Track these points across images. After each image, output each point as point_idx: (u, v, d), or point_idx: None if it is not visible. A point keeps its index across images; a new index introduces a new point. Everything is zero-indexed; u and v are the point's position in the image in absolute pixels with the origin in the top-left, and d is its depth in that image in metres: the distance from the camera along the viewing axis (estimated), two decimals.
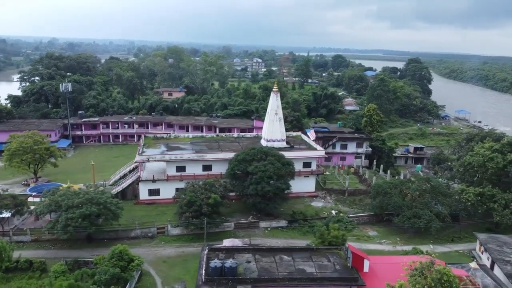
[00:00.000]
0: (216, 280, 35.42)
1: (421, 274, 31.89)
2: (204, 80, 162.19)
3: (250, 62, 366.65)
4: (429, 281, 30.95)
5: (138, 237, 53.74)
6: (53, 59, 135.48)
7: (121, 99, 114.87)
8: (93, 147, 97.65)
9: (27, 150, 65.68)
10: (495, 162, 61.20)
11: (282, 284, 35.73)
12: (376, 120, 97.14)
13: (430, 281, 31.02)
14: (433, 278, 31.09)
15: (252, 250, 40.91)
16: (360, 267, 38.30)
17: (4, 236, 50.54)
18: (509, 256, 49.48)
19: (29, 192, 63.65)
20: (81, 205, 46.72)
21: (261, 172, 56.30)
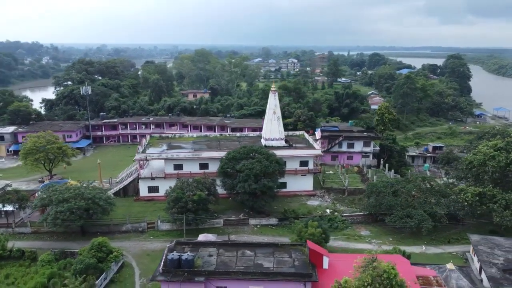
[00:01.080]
0: (172, 271, 36.95)
1: (364, 271, 31.75)
2: (229, 81, 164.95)
3: (286, 62, 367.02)
4: (368, 278, 30.81)
5: (129, 231, 56.51)
6: (84, 64, 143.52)
7: (142, 101, 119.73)
8: (112, 147, 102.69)
9: (40, 149, 70.70)
10: (497, 161, 58.63)
11: (235, 277, 36.67)
12: (388, 119, 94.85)
13: (369, 278, 30.87)
14: (371, 274, 30.91)
15: (218, 245, 42.09)
16: (319, 263, 38.43)
17: (8, 228, 55.07)
18: (498, 259, 47.44)
19: (42, 188, 68.42)
20: (70, 199, 49.94)
21: (247, 170, 57.34)
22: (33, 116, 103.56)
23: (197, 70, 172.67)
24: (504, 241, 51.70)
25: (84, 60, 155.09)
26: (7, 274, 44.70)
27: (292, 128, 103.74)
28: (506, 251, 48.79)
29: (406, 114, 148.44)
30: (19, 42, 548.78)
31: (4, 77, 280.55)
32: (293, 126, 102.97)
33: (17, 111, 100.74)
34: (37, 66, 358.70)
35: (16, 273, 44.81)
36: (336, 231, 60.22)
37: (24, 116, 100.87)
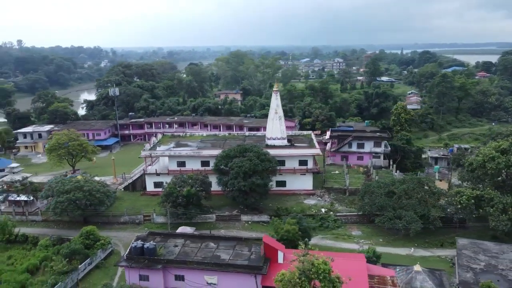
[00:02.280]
0: (135, 258, 40.16)
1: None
2: (261, 81, 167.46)
3: (331, 62, 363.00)
4: (296, 272, 31.87)
5: (127, 222, 60.75)
6: (122, 67, 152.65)
7: (170, 102, 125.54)
8: (137, 145, 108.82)
9: (62, 146, 77.38)
10: (496, 163, 56.10)
11: (191, 267, 39.11)
12: (404, 119, 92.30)
13: (297, 272, 31.92)
14: (299, 268, 31.94)
15: (186, 237, 44.76)
16: (275, 258, 39.78)
17: (22, 216, 61.45)
18: (478, 264, 46.00)
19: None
20: (70, 191, 54.95)
21: (237, 167, 59.44)
22: (70, 115, 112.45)
23: (232, 71, 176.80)
24: (493, 246, 49.74)
25: (123, 63, 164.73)
26: (10, 255, 50.30)
27: (310, 128, 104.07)
28: (491, 257, 47.07)
29: (443, 114, 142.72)
30: (82, 47, 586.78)
31: (64, 80, 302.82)
32: (311, 126, 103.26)
33: (55, 111, 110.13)
34: (95, 69, 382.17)
35: (18, 255, 50.27)
36: (326, 230, 60.69)
37: (61, 116, 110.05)
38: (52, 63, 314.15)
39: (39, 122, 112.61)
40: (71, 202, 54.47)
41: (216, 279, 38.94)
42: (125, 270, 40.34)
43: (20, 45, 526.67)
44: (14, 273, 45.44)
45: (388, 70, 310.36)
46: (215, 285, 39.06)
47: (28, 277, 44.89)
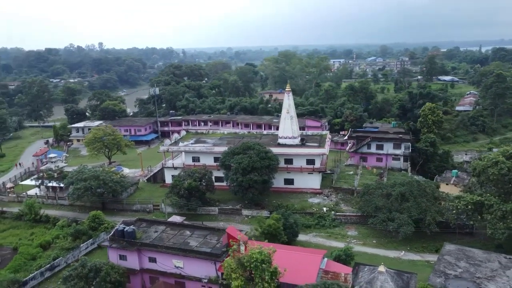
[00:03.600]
0: (116, 239, 45.24)
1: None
2: (307, 81, 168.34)
3: (394, 61, 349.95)
4: (232, 261, 34.61)
5: (139, 210, 66.77)
6: (173, 68, 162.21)
7: (210, 101, 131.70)
8: None
9: (98, 140, 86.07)
10: (498, 168, 53.38)
11: (160, 250, 43.31)
12: (431, 121, 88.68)
13: (236, 260, 34.65)
14: (237, 257, 34.61)
15: (168, 224, 49.12)
16: (238, 248, 42.54)
17: (54, 200, 70.10)
18: (455, 270, 45.17)
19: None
20: (87, 179, 62.06)
21: (237, 164, 62.71)
22: (118, 113, 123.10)
23: (279, 71, 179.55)
24: (481, 254, 48.01)
25: (173, 64, 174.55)
26: (32, 232, 58.51)
27: (339, 128, 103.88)
28: (472, 264, 45.68)
29: (498, 117, 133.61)
30: (155, 48, 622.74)
31: (133, 80, 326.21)
32: (340, 126, 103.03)
33: (106, 108, 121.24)
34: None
35: (38, 233, 58.28)
36: (322, 228, 61.75)
37: (110, 113, 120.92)
38: (124, 64, 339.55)
39: (92, 118, 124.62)
40: (87, 189, 61.45)
41: (182, 263, 42.71)
42: (108, 249, 45.59)
43: (100, 47, 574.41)
44: (29, 247, 53.09)
45: (455, 69, 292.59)
46: (182, 268, 42.84)
47: (40, 251, 52.25)
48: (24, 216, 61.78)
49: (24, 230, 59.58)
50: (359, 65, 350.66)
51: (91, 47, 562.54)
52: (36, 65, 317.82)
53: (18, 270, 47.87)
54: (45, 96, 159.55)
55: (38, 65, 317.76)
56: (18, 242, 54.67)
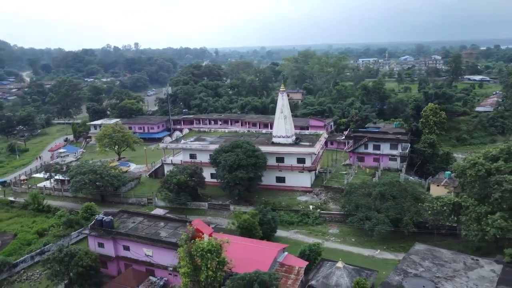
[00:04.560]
0: (96, 228, 49.00)
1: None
2: (325, 81, 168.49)
3: (426, 60, 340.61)
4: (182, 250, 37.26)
5: (134, 203, 70.73)
6: (192, 68, 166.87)
7: (223, 100, 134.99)
8: None
9: (107, 136, 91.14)
10: (476, 170, 53.06)
11: (132, 239, 46.65)
12: (433, 122, 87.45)
13: (185, 249, 37.29)
14: (187, 246, 37.21)
15: (146, 216, 52.45)
16: (201, 239, 45.17)
17: (60, 192, 75.38)
18: (416, 269, 45.82)
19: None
20: (85, 173, 66.65)
21: (224, 161, 65.32)
22: (135, 111, 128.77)
23: (298, 71, 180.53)
24: (449, 255, 48.17)
25: (192, 64, 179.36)
26: (34, 221, 63.59)
27: (345, 128, 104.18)
28: (437, 264, 46.07)
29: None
30: (189, 48, 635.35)
31: (163, 79, 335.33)
32: (345, 126, 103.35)
33: (123, 107, 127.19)
34: None
35: (39, 221, 63.30)
36: (305, 225, 63.28)
37: (127, 111, 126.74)
38: (155, 63, 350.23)
39: (111, 116, 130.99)
40: (85, 182, 65.99)
41: (151, 252, 45.86)
42: (88, 237, 49.47)
43: (136, 48, 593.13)
44: (27, 234, 58.06)
45: (489, 68, 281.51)
46: (151, 257, 45.98)
47: (36, 238, 57.07)
48: (29, 205, 67.12)
49: (28, 218, 64.85)
50: (389, 64, 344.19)
51: (127, 47, 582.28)
52: (72, 65, 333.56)
53: (12, 253, 52.72)
54: (74, 95, 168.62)
55: (75, 65, 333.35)
56: (19, 229, 59.77)
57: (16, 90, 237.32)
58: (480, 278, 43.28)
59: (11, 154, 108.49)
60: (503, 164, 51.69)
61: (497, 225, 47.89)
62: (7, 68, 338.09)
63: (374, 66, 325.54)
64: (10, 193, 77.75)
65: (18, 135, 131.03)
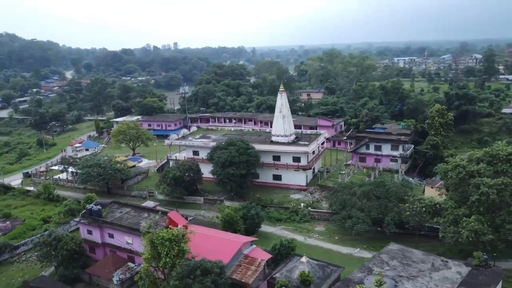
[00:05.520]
0: (86, 217, 53.32)
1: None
2: (348, 80, 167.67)
3: (465, 59, 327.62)
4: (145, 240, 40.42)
5: (136, 196, 75.07)
6: (214, 67, 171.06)
7: (241, 99, 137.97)
8: None
9: (121, 133, 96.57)
10: (457, 172, 52.79)
11: (115, 228, 50.50)
12: (438, 123, 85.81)
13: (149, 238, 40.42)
14: (147, 236, 40.33)
15: (133, 207, 56.26)
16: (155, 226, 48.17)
17: (72, 183, 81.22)
18: (382, 268, 46.59)
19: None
20: (90, 166, 71.76)
21: (217, 158, 68.22)
22: (155, 109, 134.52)
23: (322, 70, 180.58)
24: (420, 255, 48.47)
25: (216, 64, 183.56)
26: (43, 209, 69.33)
27: (354, 128, 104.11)
28: (404, 264, 46.69)
29: None
30: (226, 47, 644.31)
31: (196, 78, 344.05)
32: (355, 126, 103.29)
33: (145, 105, 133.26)
34: None
35: (47, 209, 68.93)
36: (292, 223, 64.91)
37: (148, 109, 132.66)
38: (189, 62, 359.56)
39: (133, 113, 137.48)
40: (90, 174, 71.07)
41: (131, 240, 49.48)
42: (79, 225, 53.90)
43: (175, 47, 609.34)
44: (34, 220, 63.66)
45: None
46: (131, 244, 49.61)
47: (40, 224, 62.42)
48: (41, 195, 73.12)
49: (39, 206, 70.75)
50: (425, 63, 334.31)
51: (166, 47, 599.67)
52: (112, 64, 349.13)
53: (17, 237, 58.23)
54: (105, 93, 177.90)
55: (114, 64, 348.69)
56: (28, 216, 65.55)
57: (57, 88, 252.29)
58: (443, 279, 43.59)
59: (40, 147, 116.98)
60: (483, 166, 51.23)
61: (470, 227, 47.69)
62: (52, 67, 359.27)
63: (409, 65, 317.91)
64: (30, 183, 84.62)
65: (50, 130, 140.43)
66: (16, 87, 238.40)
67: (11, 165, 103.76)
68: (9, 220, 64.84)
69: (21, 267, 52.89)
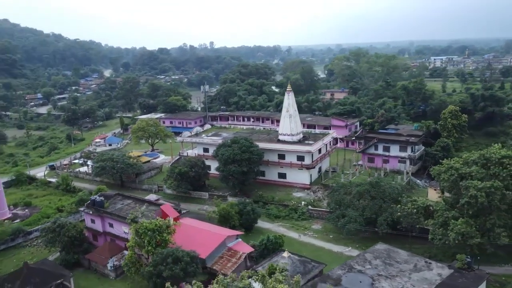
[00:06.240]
0: (90, 207, 57.22)
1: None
2: (373, 80, 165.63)
3: (508, 58, 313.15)
4: (131, 229, 43.41)
5: (146, 189, 78.88)
6: (239, 67, 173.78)
7: (261, 98, 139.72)
8: None
9: (140, 129, 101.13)
10: (449, 174, 52.47)
11: (114, 218, 53.99)
12: (451, 124, 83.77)
13: (132, 229, 43.41)
14: (133, 226, 43.29)
15: (135, 199, 59.59)
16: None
17: (90, 176, 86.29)
18: (363, 266, 47.60)
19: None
20: (104, 160, 76.24)
21: (220, 155, 70.63)
22: (178, 107, 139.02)
23: (348, 70, 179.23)
24: (405, 256, 48.75)
25: (240, 64, 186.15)
26: (60, 199, 74.36)
27: (370, 128, 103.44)
28: (387, 263, 47.25)
29: None
30: (261, 46, 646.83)
31: None
32: (370, 127, 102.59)
33: (168, 103, 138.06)
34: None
35: (64, 199, 73.87)
36: (290, 220, 66.32)
37: (171, 107, 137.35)
38: (222, 61, 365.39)
39: (158, 111, 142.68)
40: (103, 168, 75.55)
41: (127, 229, 52.73)
42: (84, 214, 57.92)
43: (211, 46, 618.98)
44: (49, 209, 68.61)
45: None
46: (128, 234, 52.86)
47: (55, 212, 67.22)
48: (59, 186, 78.42)
49: (57, 196, 75.94)
50: (464, 62, 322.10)
51: (202, 46, 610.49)
52: (148, 63, 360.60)
53: (32, 223, 63.18)
54: (136, 91, 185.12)
55: (150, 63, 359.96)
56: (46, 205, 70.71)
57: (94, 86, 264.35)
58: (422, 280, 43.92)
59: (69, 142, 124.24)
60: (475, 169, 50.72)
61: (457, 230, 47.49)
62: (93, 66, 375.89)
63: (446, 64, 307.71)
64: (54, 175, 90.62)
65: (81, 126, 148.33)
66: (56, 85, 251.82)
67: (41, 158, 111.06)
68: (28, 208, 70.23)
69: (32, 251, 57.55)
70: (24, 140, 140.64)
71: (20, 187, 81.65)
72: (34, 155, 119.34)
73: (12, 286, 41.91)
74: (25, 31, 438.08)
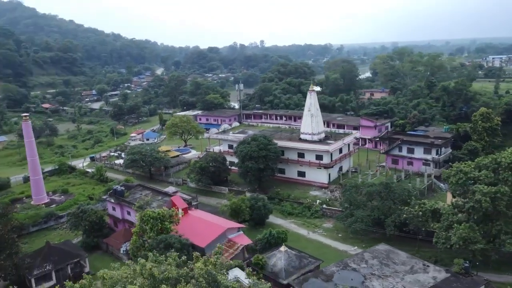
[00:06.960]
0: (112, 195, 62.07)
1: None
2: (415, 80, 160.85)
3: None
4: (137, 217, 47.11)
5: (172, 183, 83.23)
6: (278, 66, 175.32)
7: (296, 97, 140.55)
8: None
9: (174, 126, 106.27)
10: (457, 178, 51.45)
11: (129, 206, 58.26)
12: (481, 127, 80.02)
13: (138, 217, 47.09)
14: (138, 214, 46.95)
15: (153, 190, 63.71)
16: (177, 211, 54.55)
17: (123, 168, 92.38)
18: (359, 265, 48.36)
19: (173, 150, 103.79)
20: (134, 153, 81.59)
21: (239, 152, 73.23)
22: (216, 104, 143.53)
23: (390, 70, 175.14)
24: (404, 257, 48.87)
25: (280, 63, 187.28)
26: (93, 187, 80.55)
27: (401, 129, 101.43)
28: (383, 264, 47.68)
29: None
30: (312, 45, 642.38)
31: None
32: (401, 128, 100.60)
33: (206, 100, 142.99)
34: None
35: (97, 188, 79.87)
36: (302, 217, 67.52)
37: (209, 104, 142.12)
38: (269, 60, 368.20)
39: (196, 108, 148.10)
40: (133, 160, 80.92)
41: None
42: (107, 202, 62.90)
43: (261, 45, 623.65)
44: (82, 196, 74.75)
45: None
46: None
47: (86, 199, 73.19)
48: (94, 176, 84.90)
49: (91, 185, 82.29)
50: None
51: (253, 45, 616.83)
52: (197, 62, 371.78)
53: (64, 208, 69.36)
54: (180, 89, 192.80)
55: (199, 62, 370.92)
56: (80, 192, 77.12)
57: (145, 83, 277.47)
58: (415, 281, 44.09)
59: (112, 136, 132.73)
60: (484, 173, 49.50)
61: (459, 234, 46.75)
62: (146, 64, 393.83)
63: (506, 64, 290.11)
64: (93, 166, 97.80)
65: (127, 121, 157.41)
66: (110, 82, 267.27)
67: (86, 150, 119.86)
68: (64, 195, 76.94)
69: (61, 233, 63.46)
70: (75, 133, 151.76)
71: (61, 176, 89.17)
72: (80, 147, 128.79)
73: (33, 262, 47.13)
74: (87, 31, 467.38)
